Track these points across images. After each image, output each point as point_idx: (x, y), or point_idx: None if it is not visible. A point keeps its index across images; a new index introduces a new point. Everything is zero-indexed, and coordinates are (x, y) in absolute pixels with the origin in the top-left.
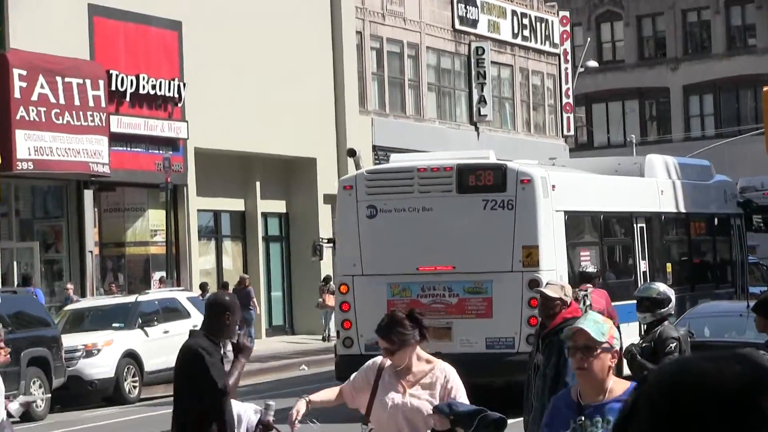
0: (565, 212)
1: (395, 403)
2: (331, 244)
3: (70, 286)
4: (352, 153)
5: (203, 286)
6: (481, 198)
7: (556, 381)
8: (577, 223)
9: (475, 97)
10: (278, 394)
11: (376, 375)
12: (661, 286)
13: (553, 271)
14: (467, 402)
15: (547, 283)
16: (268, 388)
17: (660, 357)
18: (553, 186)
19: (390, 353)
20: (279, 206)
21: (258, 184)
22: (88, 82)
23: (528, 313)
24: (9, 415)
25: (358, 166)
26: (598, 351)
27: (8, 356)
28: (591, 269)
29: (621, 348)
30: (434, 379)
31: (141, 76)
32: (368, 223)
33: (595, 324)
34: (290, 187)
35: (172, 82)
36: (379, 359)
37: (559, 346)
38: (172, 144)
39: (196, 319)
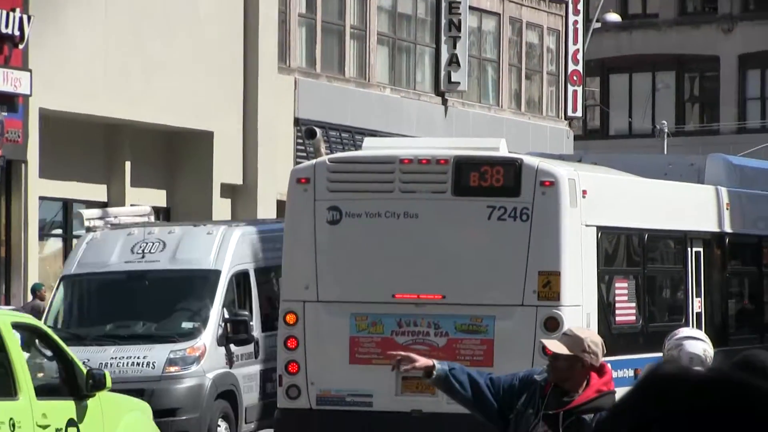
0: (599, 228)
1: None
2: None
3: None
4: (311, 134)
5: None
6: (485, 203)
7: None
8: (613, 244)
9: (445, 57)
10: None
11: None
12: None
13: (579, 306)
14: None
15: (563, 333)
16: None
17: None
18: (584, 191)
19: None
20: (157, 197)
21: (128, 165)
22: None
23: (543, 363)
24: None
25: (318, 153)
26: None
27: None
28: None
29: None
30: None
31: None
32: (329, 231)
33: None
34: (174, 172)
35: (12, 14)
36: None
37: None
38: (8, 102)
39: None
